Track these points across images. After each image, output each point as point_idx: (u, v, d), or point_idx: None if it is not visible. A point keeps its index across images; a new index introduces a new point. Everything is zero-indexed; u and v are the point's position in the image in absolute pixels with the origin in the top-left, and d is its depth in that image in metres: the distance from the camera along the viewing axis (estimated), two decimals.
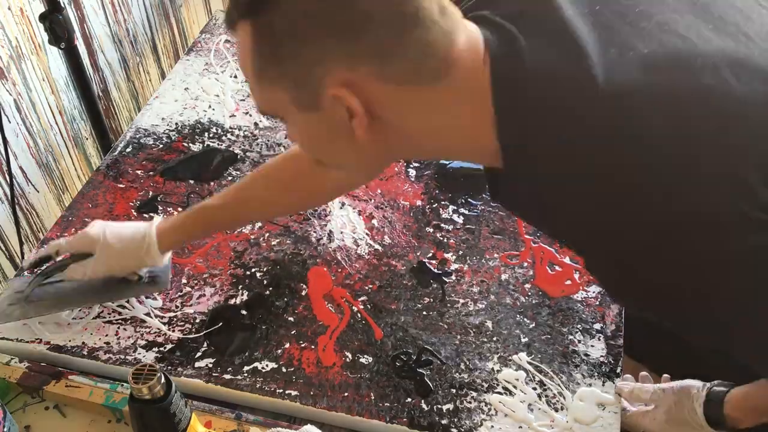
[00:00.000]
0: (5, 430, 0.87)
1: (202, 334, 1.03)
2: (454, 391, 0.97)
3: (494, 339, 1.03)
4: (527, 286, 1.10)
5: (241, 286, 1.10)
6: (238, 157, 1.30)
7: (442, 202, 1.22)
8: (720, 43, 0.64)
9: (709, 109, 0.60)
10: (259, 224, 1.18)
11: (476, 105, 0.64)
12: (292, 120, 0.69)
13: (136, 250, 0.98)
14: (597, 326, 1.04)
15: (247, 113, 1.39)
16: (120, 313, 1.05)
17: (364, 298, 1.08)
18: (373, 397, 0.96)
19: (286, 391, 0.96)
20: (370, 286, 1.10)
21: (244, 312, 1.06)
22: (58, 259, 1.01)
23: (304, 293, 1.09)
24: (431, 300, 1.08)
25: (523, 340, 1.03)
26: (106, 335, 1.02)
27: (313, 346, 1.02)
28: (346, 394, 0.96)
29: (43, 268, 1.01)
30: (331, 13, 0.60)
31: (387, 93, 0.63)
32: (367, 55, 0.61)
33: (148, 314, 1.05)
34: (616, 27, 0.65)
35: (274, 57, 0.63)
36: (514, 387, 0.97)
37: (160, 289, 1.04)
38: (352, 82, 0.62)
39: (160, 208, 1.21)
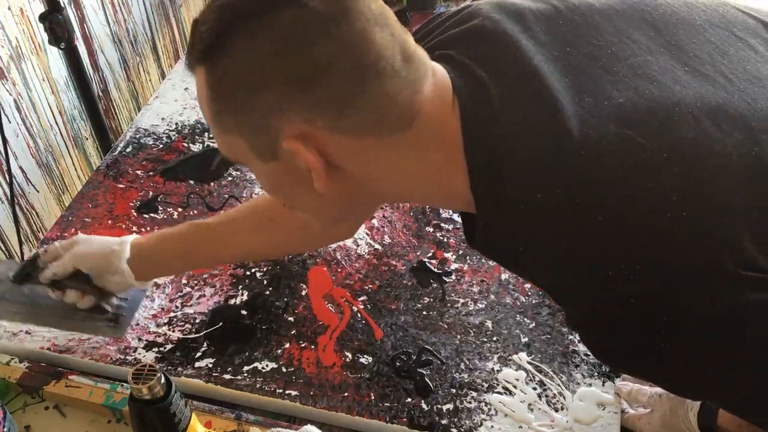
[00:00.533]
0: (5, 430, 0.87)
1: (202, 334, 1.03)
2: (454, 391, 0.97)
3: (494, 339, 1.03)
4: (527, 285, 1.10)
5: (241, 286, 1.10)
6: None
7: None
8: (698, 88, 0.61)
9: (689, 166, 0.57)
10: None
11: (446, 154, 0.62)
12: (254, 167, 0.66)
13: (108, 249, 0.92)
14: None
15: None
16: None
17: (364, 297, 1.08)
18: (373, 397, 0.96)
19: (286, 391, 0.96)
20: (370, 285, 1.10)
21: (244, 312, 1.06)
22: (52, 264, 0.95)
23: (304, 293, 1.09)
24: (431, 300, 1.08)
25: (523, 340, 1.03)
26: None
27: (313, 346, 1.02)
28: (346, 394, 0.96)
29: (23, 266, 0.97)
30: (284, 63, 0.57)
31: (347, 145, 0.61)
32: (323, 107, 0.59)
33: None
34: (588, 71, 0.62)
35: (229, 104, 0.61)
36: (514, 387, 0.97)
37: (116, 334, 0.99)
38: (308, 133, 0.60)
39: (160, 208, 1.21)
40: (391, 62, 0.59)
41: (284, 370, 0.99)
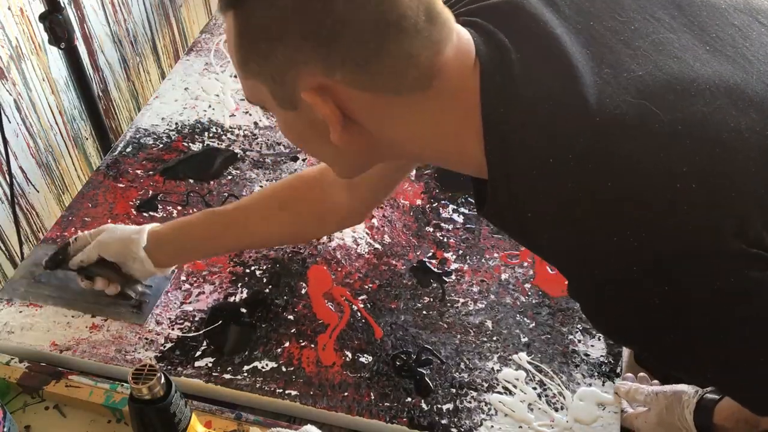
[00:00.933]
0: (5, 430, 0.87)
1: (201, 332, 1.03)
2: (454, 390, 0.97)
3: (494, 339, 1.03)
4: (527, 285, 1.10)
5: (240, 284, 1.10)
6: (238, 156, 1.30)
7: (442, 202, 1.22)
8: (717, 67, 0.61)
9: (702, 139, 0.57)
10: None
11: (463, 116, 0.63)
12: (276, 113, 0.68)
13: (128, 237, 0.99)
14: None
15: (247, 113, 1.39)
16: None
17: (363, 297, 1.08)
18: (373, 397, 0.96)
19: (286, 391, 0.96)
20: (370, 285, 1.10)
21: (243, 310, 1.06)
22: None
23: (303, 292, 1.09)
24: (431, 299, 1.08)
25: (523, 339, 1.03)
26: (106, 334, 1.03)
27: (312, 345, 1.02)
28: (346, 393, 0.96)
29: (55, 252, 1.04)
30: (306, 16, 0.58)
31: (365, 100, 0.62)
32: (343, 62, 0.59)
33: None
34: (610, 44, 0.63)
35: (253, 52, 0.62)
36: (514, 387, 0.97)
37: (138, 320, 1.04)
38: (326, 86, 0.60)
39: (160, 207, 1.21)
40: (414, 21, 0.59)
41: (284, 369, 0.99)
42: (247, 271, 1.12)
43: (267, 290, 1.09)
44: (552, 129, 0.59)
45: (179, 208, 1.21)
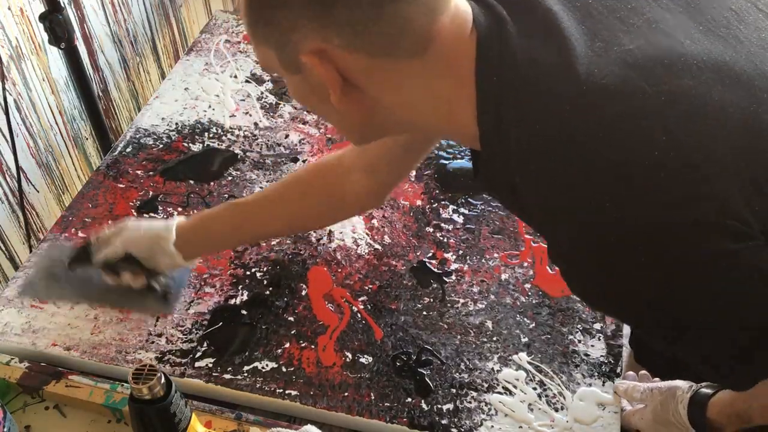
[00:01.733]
0: (5, 430, 0.87)
1: (202, 333, 1.03)
2: (454, 391, 0.97)
3: (494, 339, 1.03)
4: (527, 285, 1.10)
5: (241, 286, 1.10)
6: (238, 157, 1.30)
7: (442, 202, 1.22)
8: (707, 45, 0.63)
9: (685, 111, 0.59)
10: None
11: (457, 84, 0.64)
12: (285, 78, 0.70)
13: (156, 233, 1.00)
14: (597, 326, 1.04)
15: (247, 113, 1.39)
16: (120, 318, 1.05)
17: (364, 297, 1.08)
18: (373, 397, 0.96)
19: (286, 391, 0.96)
20: (370, 286, 1.10)
21: (244, 312, 1.06)
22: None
23: (304, 293, 1.09)
24: (431, 300, 1.08)
25: (523, 340, 1.03)
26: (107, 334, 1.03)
27: (313, 346, 1.02)
28: (346, 394, 0.96)
29: (77, 252, 1.05)
30: None
31: (362, 64, 0.63)
32: (340, 27, 0.61)
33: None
34: (605, 21, 0.64)
35: (259, 18, 0.64)
36: (514, 387, 0.97)
37: (166, 310, 1.06)
38: (325, 50, 0.62)
39: (160, 208, 1.21)
40: None
41: (284, 370, 0.99)
42: (248, 273, 1.12)
43: (267, 292, 1.09)
44: (542, 97, 0.61)
45: (179, 209, 1.21)
